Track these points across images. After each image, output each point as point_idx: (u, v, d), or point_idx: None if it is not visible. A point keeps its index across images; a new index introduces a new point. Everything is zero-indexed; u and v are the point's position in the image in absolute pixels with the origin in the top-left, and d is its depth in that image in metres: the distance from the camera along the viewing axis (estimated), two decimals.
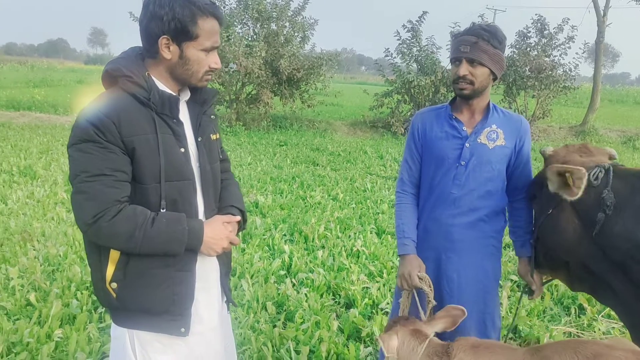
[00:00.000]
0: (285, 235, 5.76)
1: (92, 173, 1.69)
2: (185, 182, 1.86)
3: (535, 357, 1.84)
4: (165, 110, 1.81)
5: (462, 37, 2.32)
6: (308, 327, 3.64)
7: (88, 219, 1.69)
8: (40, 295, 4.00)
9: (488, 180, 2.42)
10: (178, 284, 1.87)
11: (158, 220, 1.75)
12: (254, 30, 15.65)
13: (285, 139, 13.52)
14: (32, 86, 24.96)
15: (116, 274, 1.81)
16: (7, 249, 4.90)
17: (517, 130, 2.44)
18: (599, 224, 1.99)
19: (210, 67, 1.85)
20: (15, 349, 3.29)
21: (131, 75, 1.77)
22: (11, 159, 9.09)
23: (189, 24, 1.73)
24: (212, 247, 1.87)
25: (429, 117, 2.53)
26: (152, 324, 1.88)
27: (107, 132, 1.69)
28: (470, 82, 2.31)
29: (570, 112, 24.09)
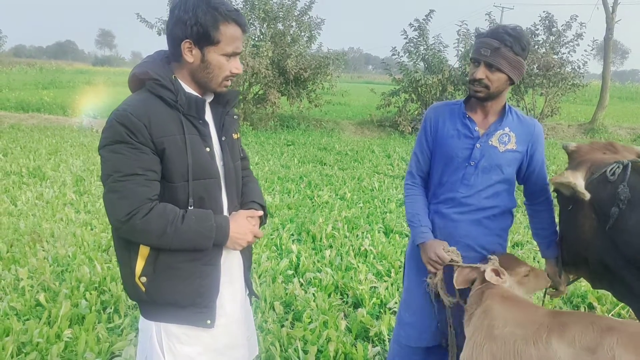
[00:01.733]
0: (292, 235, 5.77)
1: (125, 173, 1.77)
2: (212, 180, 1.94)
3: (554, 320, 1.93)
4: (192, 111, 1.88)
5: (484, 39, 2.28)
6: (316, 327, 3.64)
7: (122, 216, 1.77)
8: (49, 295, 4.03)
9: (496, 182, 2.43)
10: (204, 277, 1.95)
11: (188, 217, 1.83)
12: (260, 31, 15.67)
13: (292, 138, 13.53)
14: (41, 88, 25.11)
15: (146, 269, 1.89)
16: (16, 249, 4.93)
17: (530, 135, 2.43)
18: (613, 219, 1.99)
19: (232, 72, 1.91)
20: (25, 349, 3.32)
21: (159, 79, 1.84)
22: (20, 160, 9.15)
23: (210, 29, 1.80)
24: (237, 241, 1.95)
25: (442, 112, 2.51)
26: (179, 317, 1.96)
27: (138, 133, 1.77)
28: (486, 86, 2.29)
29: (579, 109, 23.95)
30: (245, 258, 2.18)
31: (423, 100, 15.66)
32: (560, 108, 16.85)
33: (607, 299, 4.26)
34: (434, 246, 2.41)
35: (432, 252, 2.40)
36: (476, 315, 2.18)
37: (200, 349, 2.01)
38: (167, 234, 1.80)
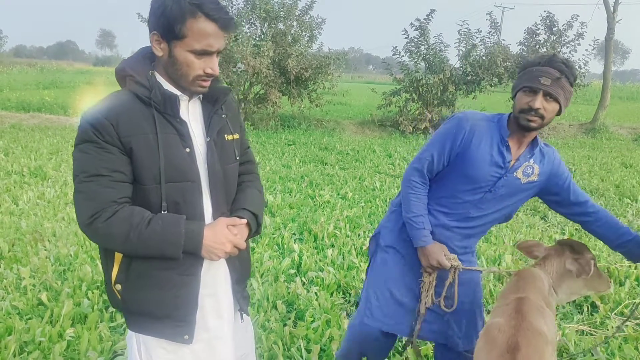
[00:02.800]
0: (294, 234, 5.76)
1: (90, 173, 1.69)
2: (189, 183, 1.80)
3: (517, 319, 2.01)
4: (167, 109, 1.76)
5: (544, 67, 2.20)
6: (319, 326, 3.63)
7: (85, 219, 1.69)
8: (51, 294, 4.02)
9: (505, 207, 2.46)
10: (180, 287, 1.83)
11: (154, 222, 1.71)
12: (261, 30, 15.67)
13: (293, 138, 13.53)
14: (41, 88, 25.13)
15: (119, 276, 1.81)
16: (18, 249, 4.93)
17: (550, 165, 2.41)
18: None
19: (205, 73, 1.75)
20: (28, 348, 3.31)
21: (134, 75, 1.76)
22: (22, 160, 9.15)
23: (175, 22, 1.65)
24: (213, 250, 1.79)
25: (480, 128, 2.37)
26: (155, 329, 1.86)
27: (104, 132, 1.68)
28: (542, 116, 2.22)
29: (580, 109, 23.94)
30: (234, 270, 2.01)
31: (424, 100, 15.66)
32: None
33: (610, 297, 4.26)
34: (436, 252, 2.43)
35: (433, 259, 2.43)
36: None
37: None
38: (130, 239, 1.69)
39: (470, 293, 2.59)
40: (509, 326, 1.97)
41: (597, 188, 8.55)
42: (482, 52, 15.60)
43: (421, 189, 2.51)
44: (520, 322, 1.98)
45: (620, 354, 3.43)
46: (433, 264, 2.43)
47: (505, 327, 1.97)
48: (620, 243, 2.42)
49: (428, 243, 2.45)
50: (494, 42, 15.90)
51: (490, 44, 15.78)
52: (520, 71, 2.32)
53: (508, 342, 1.89)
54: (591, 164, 11.13)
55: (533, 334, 1.94)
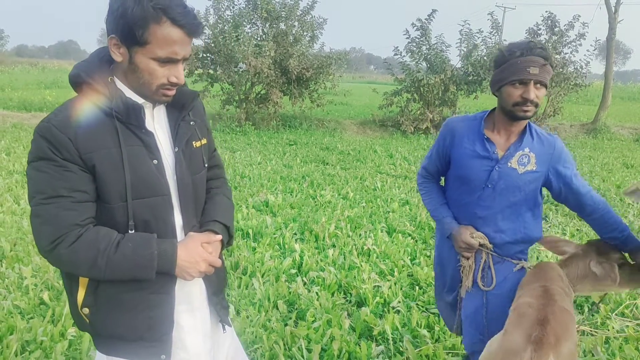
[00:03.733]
0: (295, 234, 5.77)
1: (48, 195, 1.53)
2: (159, 197, 1.68)
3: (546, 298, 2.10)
4: (131, 119, 1.61)
5: (529, 57, 2.17)
6: (319, 326, 3.64)
7: (45, 245, 1.54)
8: (53, 294, 4.04)
9: (515, 203, 2.39)
10: (154, 307, 1.72)
11: (123, 245, 1.58)
12: (263, 30, 15.67)
13: (294, 138, 13.53)
14: (43, 87, 25.12)
15: (86, 299, 1.67)
16: (20, 248, 4.93)
17: (551, 155, 2.37)
18: None
19: (170, 81, 1.61)
20: (30, 347, 3.32)
21: (91, 82, 1.60)
22: (23, 159, 9.15)
23: (137, 27, 1.49)
24: (187, 270, 1.69)
25: (460, 129, 2.42)
26: (129, 351, 1.74)
27: (62, 148, 1.52)
28: (536, 104, 2.22)
29: (581, 110, 23.94)
30: (210, 283, 1.92)
31: (425, 100, 15.65)
32: (563, 108, 16.84)
33: (611, 298, 4.26)
34: (462, 233, 2.45)
35: (460, 239, 2.45)
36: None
37: None
38: (98, 265, 1.55)
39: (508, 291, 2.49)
40: (538, 304, 2.05)
41: (599, 188, 8.55)
42: (483, 52, 15.59)
43: (429, 184, 2.65)
44: (549, 300, 2.06)
45: (621, 354, 3.43)
46: (462, 246, 2.45)
47: (534, 304, 2.05)
48: (609, 237, 2.44)
49: (453, 228, 2.49)
50: (496, 42, 15.89)
51: (491, 44, 15.77)
52: (500, 64, 2.27)
53: (538, 316, 1.99)
54: (592, 164, 11.13)
55: (561, 310, 2.04)
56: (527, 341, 1.89)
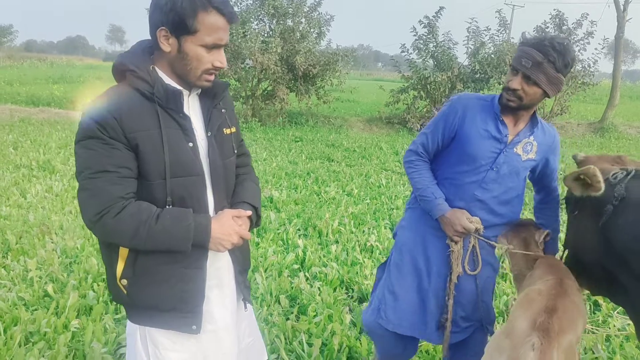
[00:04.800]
0: (299, 230, 5.79)
1: (96, 170, 1.67)
2: (194, 177, 1.81)
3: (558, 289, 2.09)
4: (170, 104, 1.76)
5: (528, 49, 2.17)
6: (321, 320, 3.66)
7: (92, 216, 1.68)
8: (57, 286, 4.07)
9: (511, 188, 2.41)
10: (187, 281, 1.85)
11: (163, 217, 1.72)
12: (270, 27, 15.69)
13: (300, 134, 13.55)
14: (51, 82, 25.26)
15: (125, 271, 1.80)
16: (25, 241, 4.98)
17: (549, 146, 2.42)
18: (606, 215, 2.05)
19: (214, 66, 1.76)
20: (33, 338, 3.35)
21: (135, 70, 1.73)
22: (30, 153, 9.22)
23: (187, 17, 1.65)
24: (221, 242, 1.81)
25: (473, 106, 2.38)
26: (162, 321, 1.87)
27: (109, 128, 1.66)
28: (520, 97, 2.22)
29: (589, 108, 23.81)
30: (237, 261, 2.06)
31: (432, 98, 15.63)
32: (570, 107, 16.77)
33: None
34: (459, 217, 2.38)
35: (457, 223, 2.38)
36: (527, 276, 2.35)
37: (186, 355, 1.92)
38: (140, 235, 1.69)
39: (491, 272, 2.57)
40: (549, 292, 2.04)
41: None
42: (490, 50, 15.56)
43: (420, 163, 2.52)
44: (561, 292, 2.05)
45: (622, 352, 3.43)
46: (458, 230, 2.39)
47: (545, 293, 2.04)
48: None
49: (446, 210, 2.42)
50: (503, 40, 15.85)
51: (499, 41, 15.72)
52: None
53: (547, 304, 1.97)
54: None
55: (571, 303, 2.02)
56: (531, 327, 1.89)
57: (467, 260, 2.46)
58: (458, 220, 2.38)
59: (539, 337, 1.85)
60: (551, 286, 2.08)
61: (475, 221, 2.40)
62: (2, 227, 5.28)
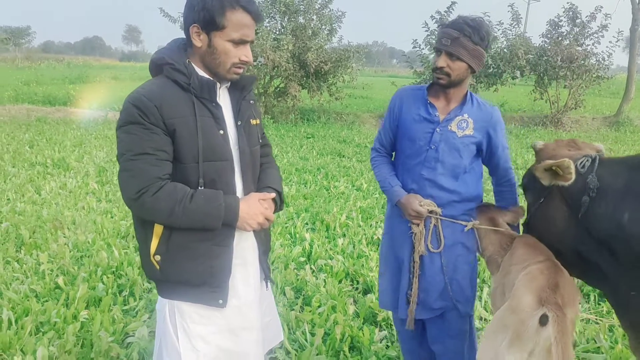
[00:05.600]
0: (307, 224, 5.84)
1: (136, 152, 1.83)
2: (224, 162, 1.97)
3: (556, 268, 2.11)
4: (204, 94, 1.92)
5: (445, 29, 2.39)
6: (324, 311, 3.71)
7: (132, 194, 1.83)
8: (68, 279, 4.17)
9: (455, 166, 2.53)
10: (215, 257, 1.98)
11: (197, 197, 1.87)
12: (281, 24, 15.74)
13: (312, 131, 13.59)
14: (67, 82, 25.57)
15: (160, 247, 1.95)
16: (39, 236, 5.09)
17: (487, 122, 2.53)
18: (584, 207, 2.09)
19: (241, 60, 1.93)
20: (43, 328, 3.45)
21: (173, 63, 1.90)
22: (46, 151, 9.39)
23: (216, 14, 1.82)
24: (247, 221, 1.97)
25: (407, 97, 2.63)
26: (192, 295, 2.00)
27: (150, 114, 1.82)
28: (447, 74, 2.40)
29: (604, 102, 23.54)
30: (261, 242, 2.20)
31: None
32: (585, 101, 16.61)
33: None
34: (410, 202, 2.52)
35: (409, 208, 2.52)
36: (505, 257, 2.38)
37: (213, 328, 2.05)
38: (176, 213, 1.84)
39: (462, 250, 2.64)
40: (549, 271, 2.08)
41: None
42: (503, 45, 15.47)
43: (379, 158, 2.75)
44: (559, 271, 2.10)
45: (624, 342, 3.43)
46: (411, 214, 2.53)
47: (546, 271, 2.08)
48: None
49: (401, 196, 2.57)
50: (516, 34, 15.75)
51: (512, 36, 15.63)
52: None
53: (549, 280, 2.02)
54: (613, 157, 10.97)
55: (569, 281, 2.09)
56: (538, 302, 1.93)
57: (429, 239, 2.57)
58: (410, 205, 2.52)
59: (550, 309, 1.88)
60: (549, 266, 2.12)
61: (426, 204, 2.53)
62: (17, 222, 5.41)
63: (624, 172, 2.08)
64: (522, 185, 2.49)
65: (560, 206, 2.23)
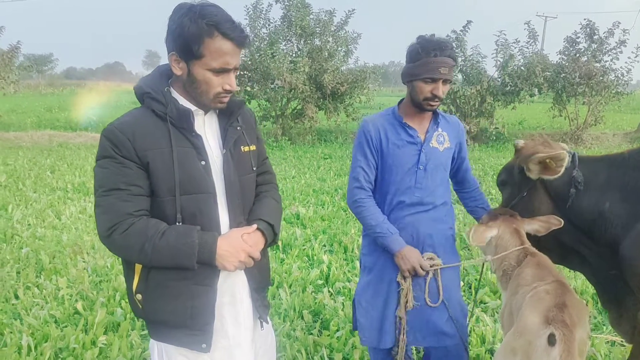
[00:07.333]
0: (324, 246, 5.81)
1: (108, 187, 1.75)
2: (204, 195, 1.85)
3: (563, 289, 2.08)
4: (183, 123, 1.82)
5: (441, 59, 2.40)
6: (342, 335, 3.66)
7: (104, 231, 1.75)
8: (87, 304, 4.19)
9: (442, 179, 2.64)
10: (196, 298, 1.86)
11: (168, 233, 1.76)
12: (297, 47, 15.89)
13: (329, 152, 13.60)
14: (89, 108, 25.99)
15: (139, 285, 1.86)
16: (58, 261, 5.14)
17: (457, 131, 2.69)
18: (571, 199, 2.31)
19: (224, 89, 1.82)
20: (62, 354, 3.46)
21: (150, 92, 1.82)
22: (67, 176, 9.51)
23: (192, 42, 1.70)
24: (227, 259, 1.83)
25: (381, 124, 2.62)
26: (173, 337, 1.90)
27: (121, 147, 1.74)
28: (441, 99, 2.48)
29: (625, 118, 23.26)
30: (252, 278, 2.04)
31: (462, 112, 15.52)
32: (605, 117, 16.43)
33: None
34: (414, 256, 2.54)
35: (409, 262, 2.52)
36: (513, 275, 2.34)
37: None
38: (145, 250, 1.73)
39: (454, 286, 2.72)
40: (556, 292, 2.06)
41: None
42: (520, 62, 15.41)
43: (368, 200, 2.64)
44: (566, 291, 2.07)
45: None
46: (409, 269, 2.53)
47: (552, 292, 2.06)
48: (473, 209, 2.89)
49: (403, 246, 2.55)
50: (533, 51, 15.69)
51: (528, 53, 15.57)
52: (415, 59, 2.46)
53: (556, 301, 1.99)
54: None
55: (577, 300, 2.06)
56: (545, 322, 1.90)
57: (426, 293, 2.60)
58: (413, 259, 2.53)
59: (556, 328, 1.85)
60: (556, 286, 2.09)
61: (430, 257, 2.59)
62: (37, 247, 5.46)
63: (604, 168, 2.31)
64: (499, 181, 2.62)
65: (544, 199, 2.43)
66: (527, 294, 2.11)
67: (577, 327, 1.91)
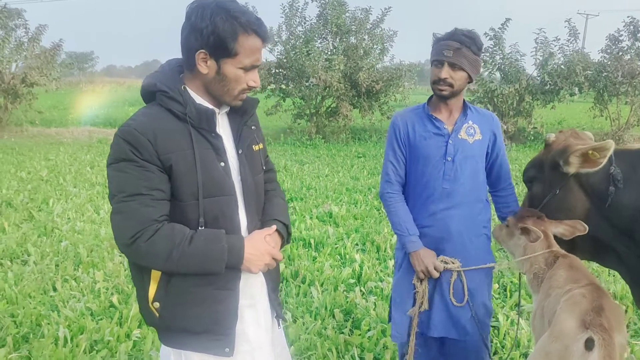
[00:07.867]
0: (357, 245, 5.78)
1: (129, 193, 1.67)
2: (227, 197, 1.81)
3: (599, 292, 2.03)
4: (203, 124, 1.76)
5: (445, 41, 2.46)
6: (374, 335, 3.64)
7: (126, 239, 1.67)
8: (122, 297, 4.27)
9: (473, 173, 2.60)
10: (219, 302, 1.82)
11: (196, 239, 1.71)
12: (333, 44, 15.86)
13: (363, 150, 13.54)
14: (127, 105, 26.52)
15: (158, 293, 1.79)
16: (96, 254, 5.24)
17: (490, 125, 2.64)
18: (611, 197, 2.17)
19: (249, 86, 1.79)
20: (97, 346, 3.53)
21: (167, 91, 1.74)
22: (105, 172, 9.68)
23: (228, 40, 1.67)
24: (254, 263, 1.81)
25: (409, 118, 2.66)
26: (195, 344, 1.84)
27: (143, 150, 1.67)
28: (450, 84, 2.48)
29: None
30: (270, 279, 2.03)
31: (499, 111, 15.24)
32: None
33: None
34: (428, 259, 2.56)
35: (429, 262, 2.55)
36: (546, 277, 2.29)
37: None
38: (173, 258, 1.67)
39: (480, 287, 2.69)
40: (591, 295, 2.00)
41: None
42: (560, 61, 15.06)
43: (395, 195, 2.69)
44: (603, 295, 2.02)
45: None
46: (429, 267, 2.55)
47: (588, 295, 2.01)
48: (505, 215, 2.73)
49: (417, 247, 2.59)
50: (574, 49, 15.32)
51: (569, 52, 15.21)
52: (432, 46, 2.55)
53: (592, 303, 1.94)
54: None
55: (614, 305, 2.02)
56: (582, 326, 1.85)
57: (451, 293, 2.60)
58: (424, 261, 2.55)
59: (595, 332, 1.79)
60: (592, 290, 2.03)
61: (443, 260, 2.57)
62: (76, 241, 5.59)
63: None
64: (527, 177, 2.51)
65: (579, 196, 2.30)
66: (561, 297, 2.05)
67: (616, 332, 1.85)
